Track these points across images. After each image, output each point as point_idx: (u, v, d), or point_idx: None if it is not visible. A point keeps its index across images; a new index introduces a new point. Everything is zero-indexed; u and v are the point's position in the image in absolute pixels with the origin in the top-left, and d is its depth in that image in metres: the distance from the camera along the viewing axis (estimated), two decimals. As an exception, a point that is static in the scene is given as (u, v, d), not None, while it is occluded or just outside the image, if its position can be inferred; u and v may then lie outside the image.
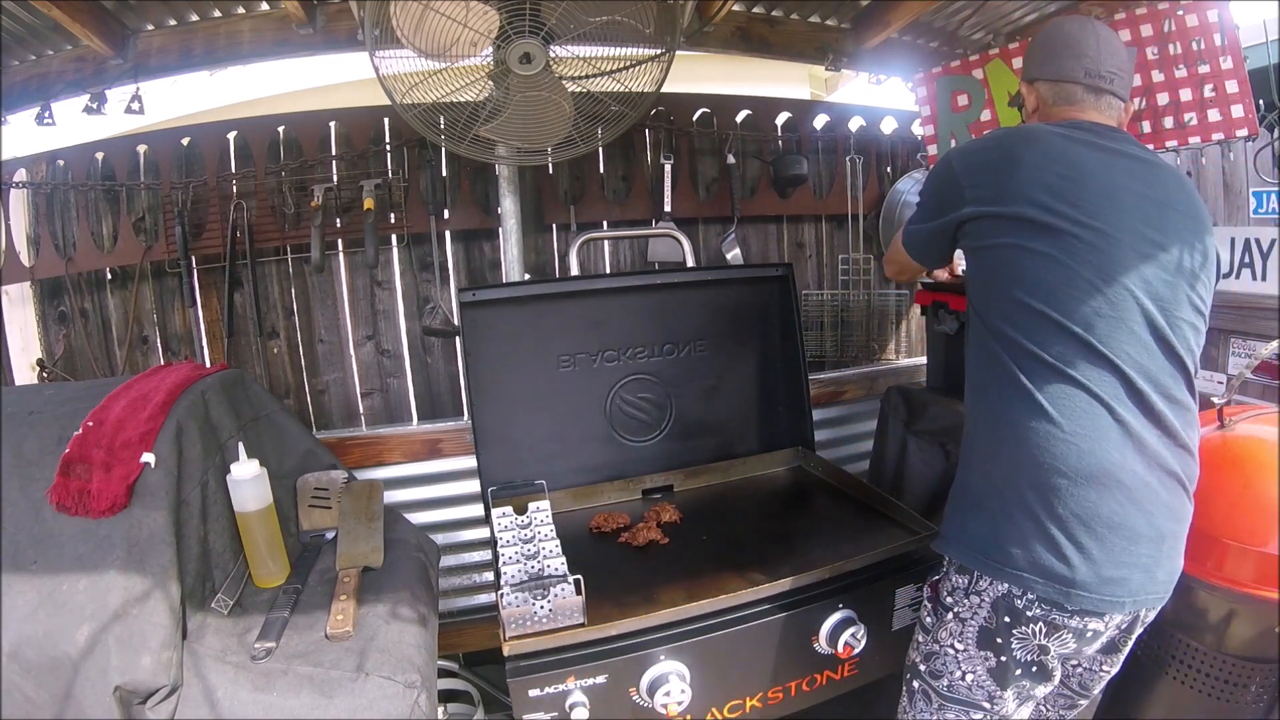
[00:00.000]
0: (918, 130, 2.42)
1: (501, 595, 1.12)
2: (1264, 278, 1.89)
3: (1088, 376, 1.01)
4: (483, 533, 1.95)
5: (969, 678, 1.10)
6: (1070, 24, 1.21)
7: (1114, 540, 1.00)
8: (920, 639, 1.19)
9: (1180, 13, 1.61)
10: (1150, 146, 1.69)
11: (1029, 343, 1.04)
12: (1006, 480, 1.06)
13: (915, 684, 1.18)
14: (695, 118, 2.36)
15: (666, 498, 1.66)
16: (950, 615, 1.11)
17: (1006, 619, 1.05)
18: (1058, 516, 1.01)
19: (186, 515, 1.17)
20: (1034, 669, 1.07)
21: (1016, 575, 1.03)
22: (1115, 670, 1.18)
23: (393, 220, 2.12)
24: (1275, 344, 1.37)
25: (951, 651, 1.11)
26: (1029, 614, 1.03)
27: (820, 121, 2.49)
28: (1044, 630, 1.04)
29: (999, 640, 1.07)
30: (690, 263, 2.18)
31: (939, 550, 1.16)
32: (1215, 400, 1.40)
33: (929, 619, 1.18)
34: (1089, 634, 1.05)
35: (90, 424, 1.18)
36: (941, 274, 1.85)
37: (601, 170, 2.31)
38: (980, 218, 1.10)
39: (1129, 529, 1.01)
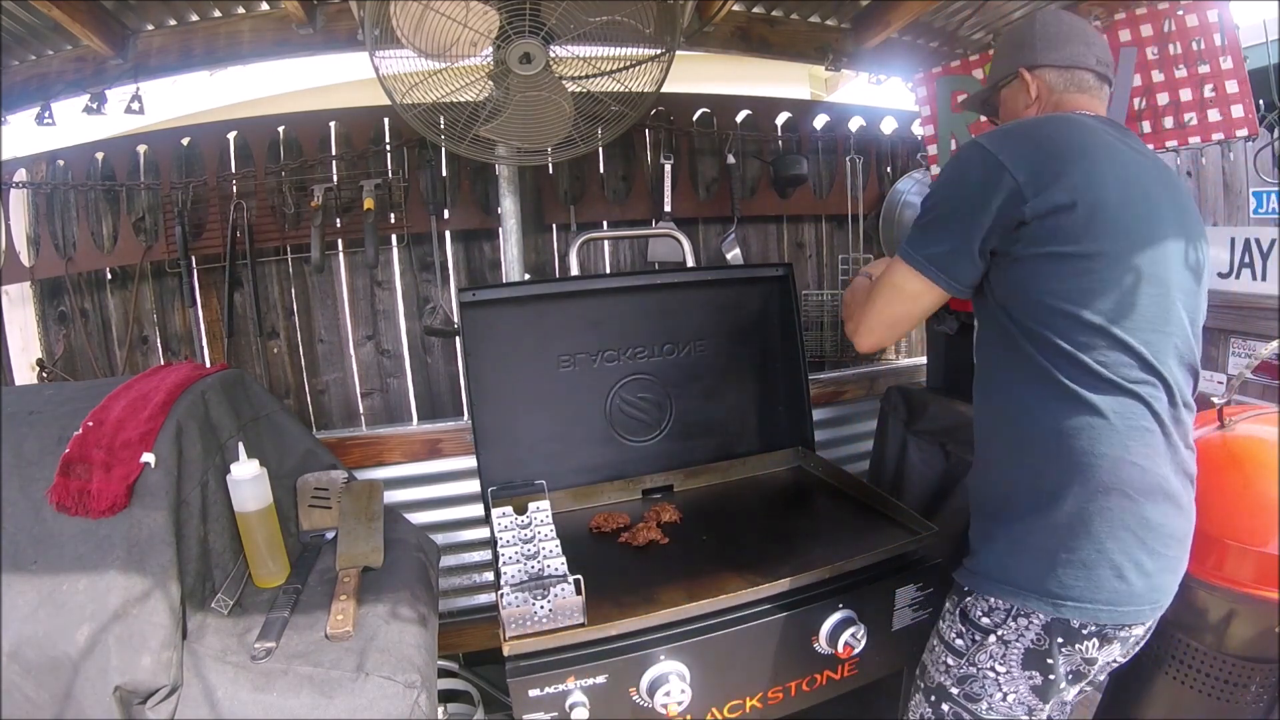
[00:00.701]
0: (918, 130, 2.42)
1: (501, 595, 1.12)
2: (1264, 278, 1.89)
3: (1149, 394, 0.99)
4: (483, 533, 1.95)
5: (1010, 697, 1.06)
6: (1066, 14, 1.19)
7: (1160, 549, 1.01)
8: (949, 661, 1.11)
9: (1180, 13, 1.61)
10: (1150, 146, 1.70)
11: (1094, 362, 0.97)
12: (1059, 507, 0.99)
13: (945, 707, 1.11)
14: (695, 118, 2.36)
15: (666, 498, 1.66)
16: (992, 638, 1.05)
17: (1060, 639, 1.01)
18: (1119, 537, 0.98)
19: (186, 515, 1.17)
20: (1072, 676, 1.05)
21: (1079, 607, 0.99)
22: (1125, 661, 1.17)
23: (393, 220, 2.12)
24: (1275, 344, 1.37)
25: (992, 674, 1.06)
26: (1084, 632, 1.01)
27: (820, 121, 2.49)
28: (1097, 644, 1.02)
29: (1048, 660, 1.03)
30: (690, 263, 2.18)
31: (981, 591, 1.06)
32: (1215, 400, 1.40)
33: (960, 641, 1.09)
34: (1132, 640, 1.05)
35: (90, 424, 1.18)
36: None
37: (601, 170, 2.31)
38: (1045, 217, 0.97)
39: (1169, 535, 1.01)
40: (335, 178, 2.10)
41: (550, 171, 2.25)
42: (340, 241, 2.14)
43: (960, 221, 1.03)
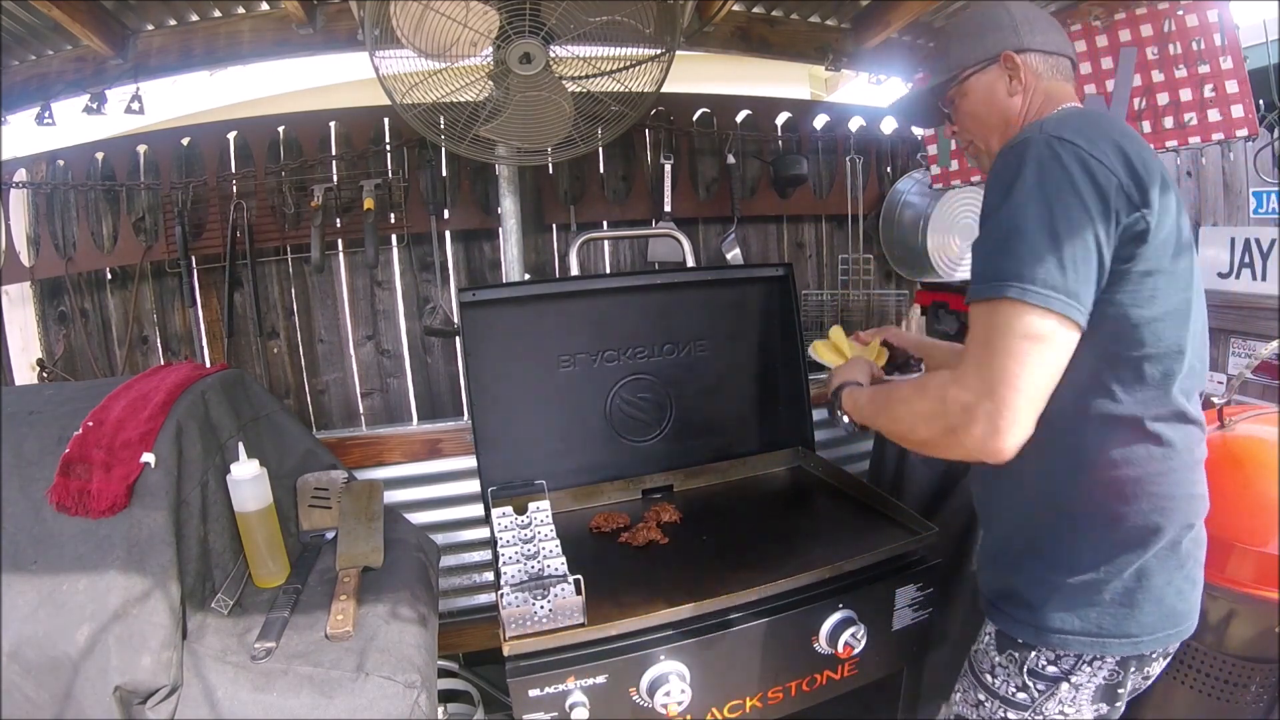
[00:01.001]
0: (918, 130, 2.42)
1: (501, 595, 1.12)
2: (1264, 278, 1.89)
3: (1200, 418, 0.96)
4: (483, 533, 1.95)
5: None
6: (1028, 3, 1.10)
7: (1202, 558, 1.00)
8: (1010, 717, 1.02)
9: (1180, 13, 1.61)
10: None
11: (1179, 392, 0.91)
12: (1141, 553, 0.94)
13: None
14: (695, 118, 2.36)
15: (666, 498, 1.66)
16: (1064, 685, 0.98)
17: (1133, 668, 0.99)
18: (1185, 566, 0.97)
19: (186, 515, 1.17)
20: (1131, 694, 1.03)
21: (1154, 638, 0.96)
22: None
23: (393, 220, 2.12)
24: (1275, 344, 1.38)
25: (1060, 718, 1.00)
26: (1153, 655, 1.00)
27: (820, 121, 2.50)
28: (1161, 661, 1.02)
29: (1119, 690, 0.99)
30: (690, 263, 2.18)
31: (1051, 645, 0.97)
32: (1215, 400, 1.40)
33: (1022, 695, 1.01)
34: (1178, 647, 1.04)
35: (90, 424, 1.18)
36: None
37: (601, 170, 2.31)
38: (1159, 225, 0.86)
39: (1205, 543, 1.01)
40: (335, 178, 2.10)
41: (550, 171, 2.25)
42: (340, 241, 2.14)
43: (1088, 237, 0.84)
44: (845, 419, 1.14)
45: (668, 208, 2.27)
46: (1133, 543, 0.94)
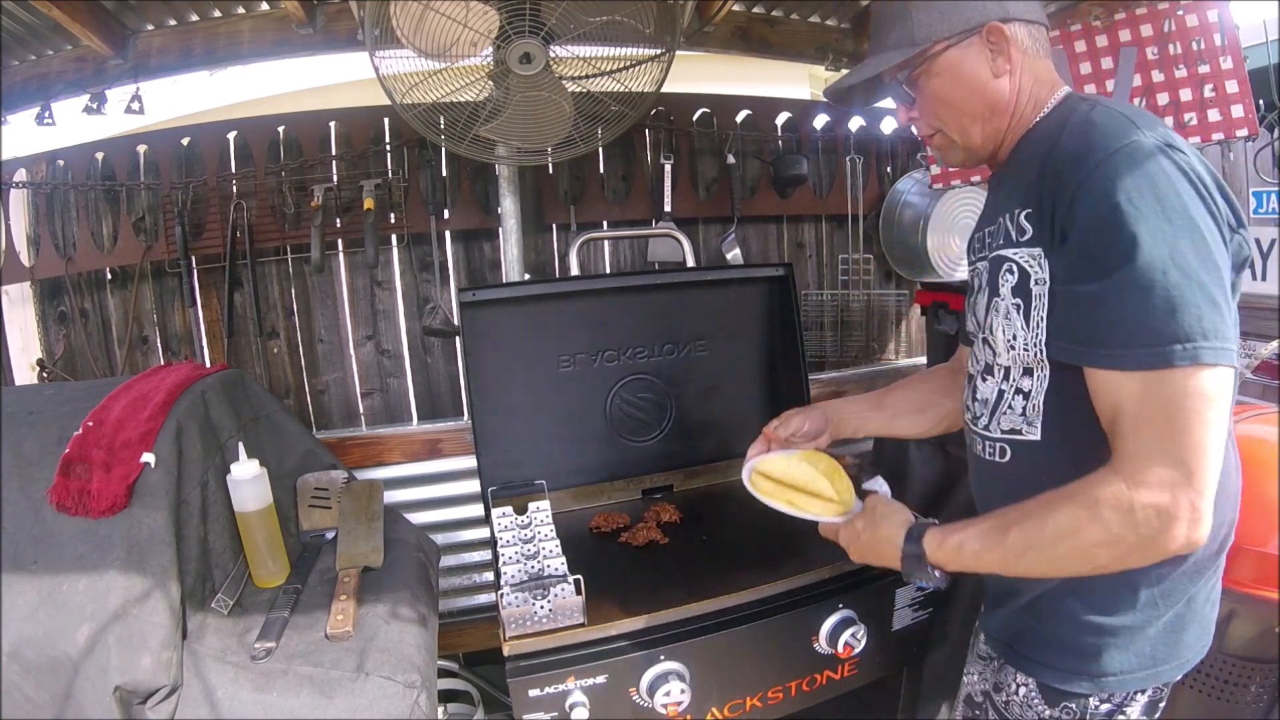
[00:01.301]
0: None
1: (501, 595, 1.12)
2: (1264, 278, 1.89)
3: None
4: (483, 533, 1.95)
5: None
6: None
7: None
8: None
9: (1180, 13, 1.61)
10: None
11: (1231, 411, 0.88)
12: (1196, 583, 0.91)
13: None
14: (695, 118, 2.36)
15: (666, 498, 1.66)
16: (1120, 717, 0.95)
17: (1172, 686, 0.98)
18: (1219, 579, 0.95)
19: (186, 515, 1.17)
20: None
21: (1197, 653, 0.94)
22: None
23: (393, 220, 2.12)
24: (1275, 344, 1.38)
25: None
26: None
27: (820, 121, 2.49)
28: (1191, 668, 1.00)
29: (1161, 703, 0.97)
30: (690, 263, 2.18)
31: (1110, 689, 0.91)
32: (1215, 400, 1.40)
33: None
34: None
35: (90, 424, 1.18)
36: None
37: (601, 170, 2.31)
38: (1250, 254, 0.81)
39: None
40: (335, 178, 2.10)
41: (550, 171, 2.25)
42: (340, 241, 2.14)
43: (1222, 270, 0.73)
44: (937, 573, 0.95)
45: (668, 208, 2.26)
46: (1193, 573, 0.91)
